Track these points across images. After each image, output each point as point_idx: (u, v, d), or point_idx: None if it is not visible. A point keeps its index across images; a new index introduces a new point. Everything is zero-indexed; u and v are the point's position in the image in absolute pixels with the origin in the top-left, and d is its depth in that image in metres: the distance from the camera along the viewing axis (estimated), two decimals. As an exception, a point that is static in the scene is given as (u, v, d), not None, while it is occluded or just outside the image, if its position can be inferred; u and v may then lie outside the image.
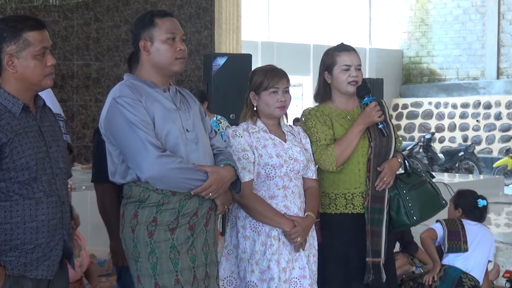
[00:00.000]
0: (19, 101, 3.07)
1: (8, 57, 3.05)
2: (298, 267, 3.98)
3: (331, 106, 4.37)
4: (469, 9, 21.17)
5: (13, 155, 3.00)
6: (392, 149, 4.34)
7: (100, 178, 4.16)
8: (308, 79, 19.93)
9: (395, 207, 4.32)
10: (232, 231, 4.03)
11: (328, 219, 4.30)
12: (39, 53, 3.08)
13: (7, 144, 2.99)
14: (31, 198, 3.05)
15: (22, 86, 3.09)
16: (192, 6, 14.69)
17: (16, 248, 3.02)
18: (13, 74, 3.07)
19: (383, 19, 22.58)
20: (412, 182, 4.38)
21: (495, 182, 14.33)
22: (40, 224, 3.07)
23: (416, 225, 4.46)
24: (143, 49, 3.56)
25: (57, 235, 3.15)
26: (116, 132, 3.43)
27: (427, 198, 4.40)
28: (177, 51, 3.55)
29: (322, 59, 4.40)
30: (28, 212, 3.04)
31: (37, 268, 3.08)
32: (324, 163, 4.20)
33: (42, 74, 3.11)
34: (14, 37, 3.04)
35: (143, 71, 3.61)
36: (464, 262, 5.42)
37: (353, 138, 4.21)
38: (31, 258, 3.05)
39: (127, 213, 3.50)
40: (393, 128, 4.41)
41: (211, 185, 3.45)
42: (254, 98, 4.05)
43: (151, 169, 3.36)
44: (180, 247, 3.46)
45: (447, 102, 20.92)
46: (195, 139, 3.56)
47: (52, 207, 3.12)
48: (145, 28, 3.55)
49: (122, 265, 4.04)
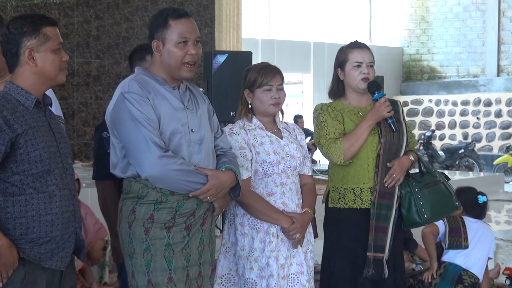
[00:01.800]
0: (32, 96, 3.14)
1: (29, 51, 3.13)
2: (296, 264, 3.99)
3: (343, 103, 4.39)
4: (469, 7, 21.17)
5: (28, 147, 3.06)
6: (403, 146, 4.34)
7: (101, 175, 4.17)
8: (308, 77, 19.94)
9: (406, 205, 4.32)
10: (230, 228, 4.04)
11: (336, 213, 4.32)
12: (57, 47, 3.19)
13: (21, 135, 3.05)
14: (44, 191, 3.11)
15: (38, 80, 3.17)
16: (193, 3, 14.69)
17: (32, 241, 3.08)
18: (32, 67, 3.15)
19: (383, 17, 22.58)
20: (425, 181, 4.37)
21: (495, 180, 14.34)
22: (55, 217, 3.13)
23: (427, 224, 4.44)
24: (156, 50, 3.55)
25: (70, 228, 3.21)
26: (121, 127, 3.44)
27: (440, 197, 4.38)
28: (187, 55, 3.51)
29: (336, 56, 4.43)
30: (43, 205, 3.10)
31: (51, 259, 3.14)
32: (332, 156, 4.22)
33: (59, 68, 3.21)
34: (34, 32, 3.13)
35: (155, 68, 3.59)
36: (464, 259, 5.43)
37: (362, 132, 4.22)
38: (46, 249, 3.11)
39: (125, 208, 3.51)
40: (406, 127, 4.42)
41: (210, 189, 3.45)
42: (249, 96, 4.06)
43: (151, 168, 3.37)
44: (175, 246, 3.46)
45: (448, 99, 20.93)
46: (199, 140, 3.56)
47: (65, 200, 3.18)
48: (158, 29, 3.53)
49: (123, 262, 4.05)
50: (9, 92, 3.13)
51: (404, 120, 4.46)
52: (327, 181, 4.49)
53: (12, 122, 3.03)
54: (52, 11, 12.93)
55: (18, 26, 3.14)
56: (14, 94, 3.12)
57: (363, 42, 4.44)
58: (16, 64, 3.16)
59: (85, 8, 13.38)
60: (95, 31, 13.51)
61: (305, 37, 20.11)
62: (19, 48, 3.13)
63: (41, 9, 12.75)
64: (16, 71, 3.17)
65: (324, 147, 4.27)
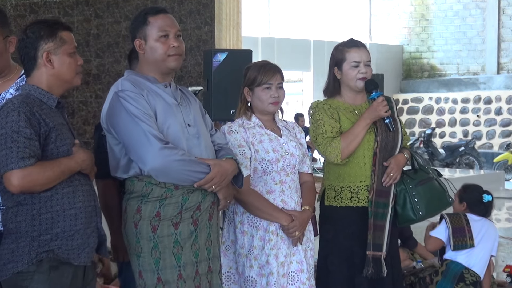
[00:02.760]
0: (53, 96, 3.26)
1: (47, 54, 3.23)
2: (296, 261, 4.00)
3: (339, 100, 4.39)
4: (469, 4, 21.16)
5: (57, 142, 3.17)
6: (398, 144, 4.35)
7: (101, 173, 4.16)
8: (308, 75, 19.94)
9: (401, 202, 4.33)
10: (230, 226, 4.05)
11: (333, 212, 4.32)
12: (73, 51, 3.30)
13: (53, 130, 3.15)
14: (69, 186, 3.20)
15: (55, 82, 3.27)
16: (192, 2, 14.67)
17: (57, 236, 3.16)
18: (50, 70, 3.24)
19: (383, 14, 22.57)
20: (419, 178, 4.39)
21: (496, 177, 14.35)
22: (78, 211, 3.22)
23: (422, 221, 4.45)
24: (139, 48, 3.60)
25: (92, 222, 3.30)
26: (119, 125, 3.45)
27: (434, 194, 4.40)
28: (170, 48, 3.55)
29: (332, 54, 4.41)
30: (67, 200, 3.19)
31: (79, 256, 3.23)
32: (329, 155, 4.22)
33: (75, 71, 3.31)
34: (51, 35, 3.25)
35: (143, 68, 3.63)
36: (467, 258, 5.40)
37: (359, 131, 4.22)
38: (72, 245, 3.19)
39: (130, 208, 3.51)
40: (400, 124, 4.42)
41: (214, 177, 3.46)
42: (248, 94, 4.07)
43: (154, 161, 3.37)
44: (183, 242, 3.47)
45: (448, 97, 20.92)
46: (197, 134, 3.58)
47: (87, 195, 3.28)
48: (139, 27, 3.59)
49: (123, 261, 4.05)
50: (30, 92, 3.22)
51: (398, 117, 4.46)
52: (322, 179, 4.49)
53: (44, 117, 3.13)
54: (52, 9, 12.91)
55: (36, 30, 3.25)
56: (36, 94, 3.22)
57: (359, 40, 4.43)
58: (34, 67, 3.26)
59: (85, 7, 13.36)
60: (95, 30, 13.49)
61: (305, 35, 20.10)
62: (37, 51, 3.23)
63: (40, 7, 12.74)
64: (33, 74, 3.27)
65: (321, 146, 4.26)
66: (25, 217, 3.14)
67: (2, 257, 3.17)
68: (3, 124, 3.06)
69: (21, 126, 3.05)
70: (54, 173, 3.12)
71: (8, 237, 3.18)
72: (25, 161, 3.02)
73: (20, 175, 3.02)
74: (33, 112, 3.10)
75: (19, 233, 3.14)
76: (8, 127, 3.05)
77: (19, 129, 3.04)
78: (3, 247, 3.19)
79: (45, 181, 3.09)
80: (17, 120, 3.05)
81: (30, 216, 3.13)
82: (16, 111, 3.07)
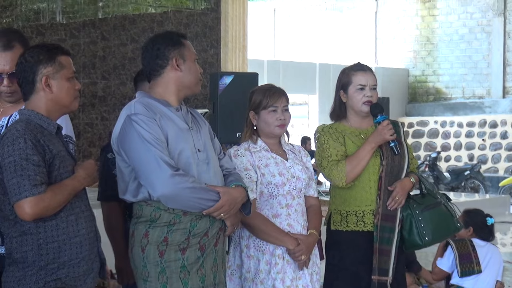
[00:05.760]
0: (53, 122, 3.25)
1: (45, 78, 3.21)
2: (302, 285, 3.98)
3: (345, 124, 4.38)
4: (475, 28, 21.22)
5: (60, 168, 3.16)
6: (404, 168, 4.33)
7: (106, 196, 4.17)
8: (314, 98, 19.96)
9: (407, 227, 4.30)
10: (236, 251, 4.03)
11: (339, 236, 4.30)
12: (71, 75, 3.29)
13: (56, 157, 3.14)
14: (72, 213, 3.20)
15: (53, 107, 3.25)
16: (199, 24, 14.75)
17: (64, 265, 3.16)
18: (49, 94, 3.23)
19: (389, 38, 22.63)
20: (426, 203, 4.35)
21: (501, 201, 14.31)
22: (82, 238, 3.22)
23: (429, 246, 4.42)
24: (175, 67, 3.56)
25: (95, 247, 3.31)
26: (130, 149, 3.44)
27: (441, 219, 4.36)
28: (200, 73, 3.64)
29: (339, 77, 4.41)
30: (71, 228, 3.19)
31: (85, 282, 3.25)
32: (334, 178, 4.20)
33: (73, 96, 3.30)
34: (50, 60, 3.24)
35: (160, 89, 3.59)
36: (474, 283, 5.38)
37: (364, 155, 4.21)
38: (79, 272, 3.20)
39: (137, 233, 3.49)
40: (407, 148, 4.40)
41: (223, 205, 3.44)
42: (254, 118, 4.06)
43: (164, 187, 3.35)
44: (190, 267, 3.45)
45: (453, 121, 20.93)
46: (206, 159, 3.57)
47: (88, 221, 3.29)
48: (175, 46, 3.57)
49: (128, 283, 4.03)
50: (30, 118, 3.20)
51: (405, 141, 4.44)
52: (328, 203, 4.47)
53: (48, 143, 3.12)
54: (58, 31, 12.98)
55: (35, 54, 3.23)
56: (36, 120, 3.20)
57: (366, 64, 4.43)
58: (32, 91, 3.24)
59: (91, 29, 13.43)
60: (101, 52, 13.55)
61: (311, 58, 20.16)
62: (36, 75, 3.22)
63: (47, 30, 12.81)
64: (32, 98, 3.24)
65: (326, 169, 4.25)
66: (31, 246, 3.12)
67: (8, 285, 3.15)
68: (11, 152, 3.04)
69: (29, 154, 3.04)
70: (64, 196, 3.12)
71: (14, 265, 3.16)
72: (38, 188, 3.01)
73: (34, 202, 3.00)
74: (38, 139, 3.09)
75: (26, 262, 3.12)
76: (16, 155, 3.03)
77: (27, 156, 3.03)
78: (9, 274, 3.17)
79: (56, 205, 3.09)
80: (25, 148, 3.04)
81: (37, 245, 3.11)
82: (22, 138, 3.05)
